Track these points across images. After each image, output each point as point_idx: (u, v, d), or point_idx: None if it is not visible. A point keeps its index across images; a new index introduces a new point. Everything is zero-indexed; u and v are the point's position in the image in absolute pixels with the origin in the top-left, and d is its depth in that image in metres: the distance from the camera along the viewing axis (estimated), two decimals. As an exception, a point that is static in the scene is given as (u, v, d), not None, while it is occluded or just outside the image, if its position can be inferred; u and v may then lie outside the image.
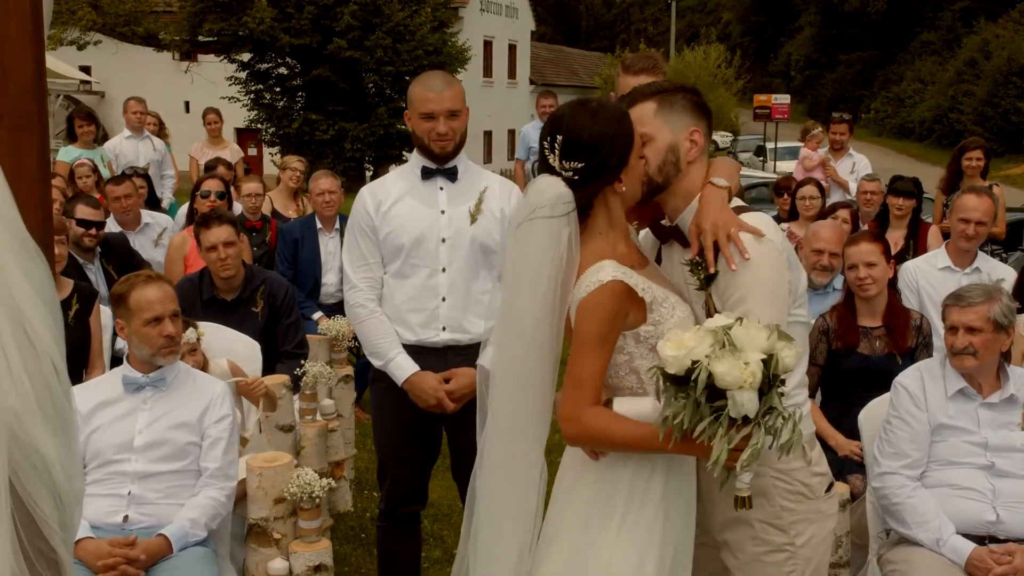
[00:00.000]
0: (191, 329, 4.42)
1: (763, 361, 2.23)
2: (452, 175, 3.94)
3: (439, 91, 3.81)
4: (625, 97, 2.79)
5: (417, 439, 4.03)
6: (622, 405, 2.59)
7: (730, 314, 2.38)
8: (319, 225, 7.31)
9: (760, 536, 2.74)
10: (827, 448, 4.71)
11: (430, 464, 4.15)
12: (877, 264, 4.78)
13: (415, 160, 3.98)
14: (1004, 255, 8.88)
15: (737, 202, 2.74)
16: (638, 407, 2.56)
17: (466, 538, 2.80)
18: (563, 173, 2.57)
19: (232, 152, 11.12)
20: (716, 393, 2.24)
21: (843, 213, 7.07)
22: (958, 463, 3.82)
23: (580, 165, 2.55)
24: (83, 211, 6.20)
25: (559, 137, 2.56)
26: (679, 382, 2.28)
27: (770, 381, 2.25)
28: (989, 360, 3.82)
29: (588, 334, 2.54)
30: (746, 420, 2.25)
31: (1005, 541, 3.67)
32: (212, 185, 7.14)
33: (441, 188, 3.93)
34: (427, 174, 3.93)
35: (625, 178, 2.61)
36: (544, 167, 2.62)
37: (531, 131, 11.79)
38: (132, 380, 3.74)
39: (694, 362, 2.24)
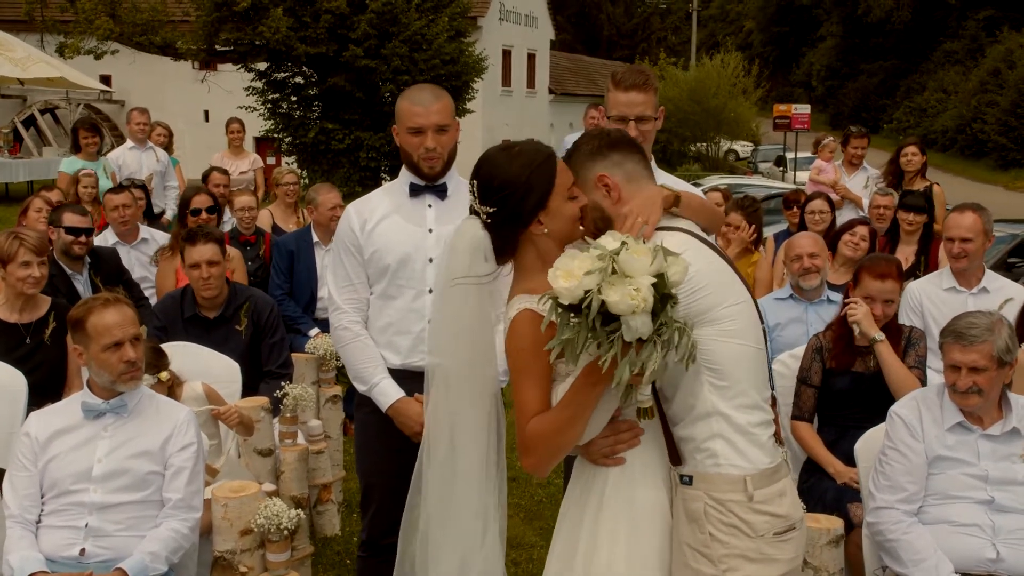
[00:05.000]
0: (162, 372, 4.30)
1: (653, 284, 2.24)
2: (442, 192, 3.79)
3: (426, 104, 3.67)
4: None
5: (403, 468, 3.85)
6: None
7: (616, 235, 2.35)
8: (315, 238, 7.21)
9: (689, 563, 2.59)
10: (826, 476, 4.54)
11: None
12: (893, 302, 4.71)
13: (404, 176, 3.83)
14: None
15: (679, 216, 2.68)
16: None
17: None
18: (480, 216, 2.58)
19: (252, 162, 11.24)
20: (610, 318, 2.25)
21: (861, 230, 6.82)
22: (957, 497, 3.64)
23: (493, 209, 2.56)
24: (70, 219, 6.06)
25: (475, 181, 2.59)
26: (573, 309, 2.28)
27: (662, 300, 2.26)
28: (993, 395, 3.65)
29: (514, 370, 2.55)
30: (641, 340, 2.27)
31: (1006, 581, 3.48)
32: (200, 201, 7.03)
33: (430, 206, 3.79)
34: (415, 191, 3.79)
35: (547, 220, 2.59)
36: (471, 208, 2.63)
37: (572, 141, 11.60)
38: (92, 407, 3.60)
39: (587, 292, 2.25)
